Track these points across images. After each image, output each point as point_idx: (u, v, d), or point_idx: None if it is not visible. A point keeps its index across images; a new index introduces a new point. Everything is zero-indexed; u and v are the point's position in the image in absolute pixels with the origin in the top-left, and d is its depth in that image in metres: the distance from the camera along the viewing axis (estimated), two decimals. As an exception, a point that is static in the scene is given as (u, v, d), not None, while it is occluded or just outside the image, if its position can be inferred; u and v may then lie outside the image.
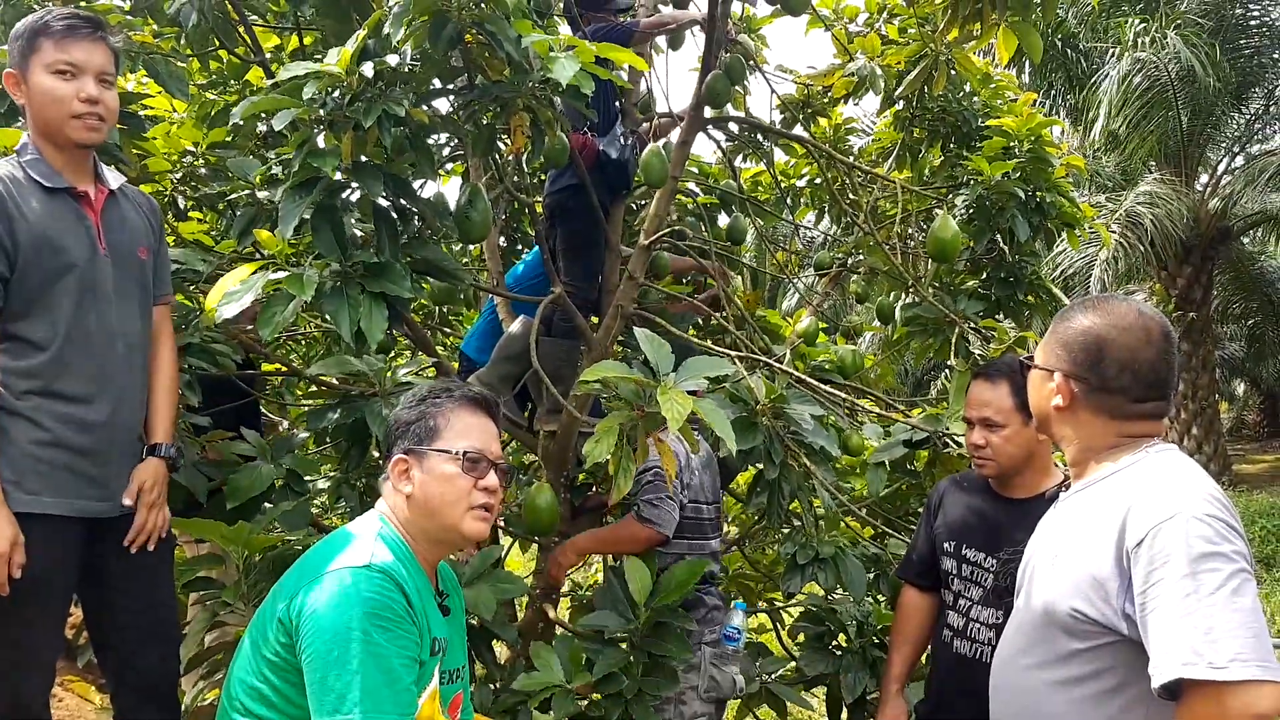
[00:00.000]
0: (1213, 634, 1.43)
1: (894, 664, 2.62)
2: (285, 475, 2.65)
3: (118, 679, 2.22)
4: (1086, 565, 1.62)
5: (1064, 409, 1.73)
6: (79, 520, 2.04)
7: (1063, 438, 1.77)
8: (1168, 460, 1.67)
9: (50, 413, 2.00)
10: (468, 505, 1.76)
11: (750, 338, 3.77)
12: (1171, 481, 1.60)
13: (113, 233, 2.13)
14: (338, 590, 1.59)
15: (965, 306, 3.74)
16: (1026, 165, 3.67)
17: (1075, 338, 1.73)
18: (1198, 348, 14.33)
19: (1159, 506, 1.55)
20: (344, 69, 2.15)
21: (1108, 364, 1.69)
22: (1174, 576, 1.48)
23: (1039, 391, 1.79)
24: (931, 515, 2.60)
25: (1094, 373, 1.70)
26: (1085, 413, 1.72)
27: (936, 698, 2.50)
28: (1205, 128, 13.64)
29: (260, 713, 1.64)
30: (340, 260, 2.26)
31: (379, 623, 1.58)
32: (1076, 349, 1.73)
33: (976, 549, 2.43)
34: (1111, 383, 1.69)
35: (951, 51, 3.68)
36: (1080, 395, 1.72)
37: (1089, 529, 1.65)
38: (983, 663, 2.32)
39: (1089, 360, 1.71)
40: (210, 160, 2.91)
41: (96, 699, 3.70)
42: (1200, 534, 1.49)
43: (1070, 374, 1.72)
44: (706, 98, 3.46)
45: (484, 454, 1.79)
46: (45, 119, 2.06)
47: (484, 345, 3.82)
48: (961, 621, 2.42)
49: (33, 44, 2.05)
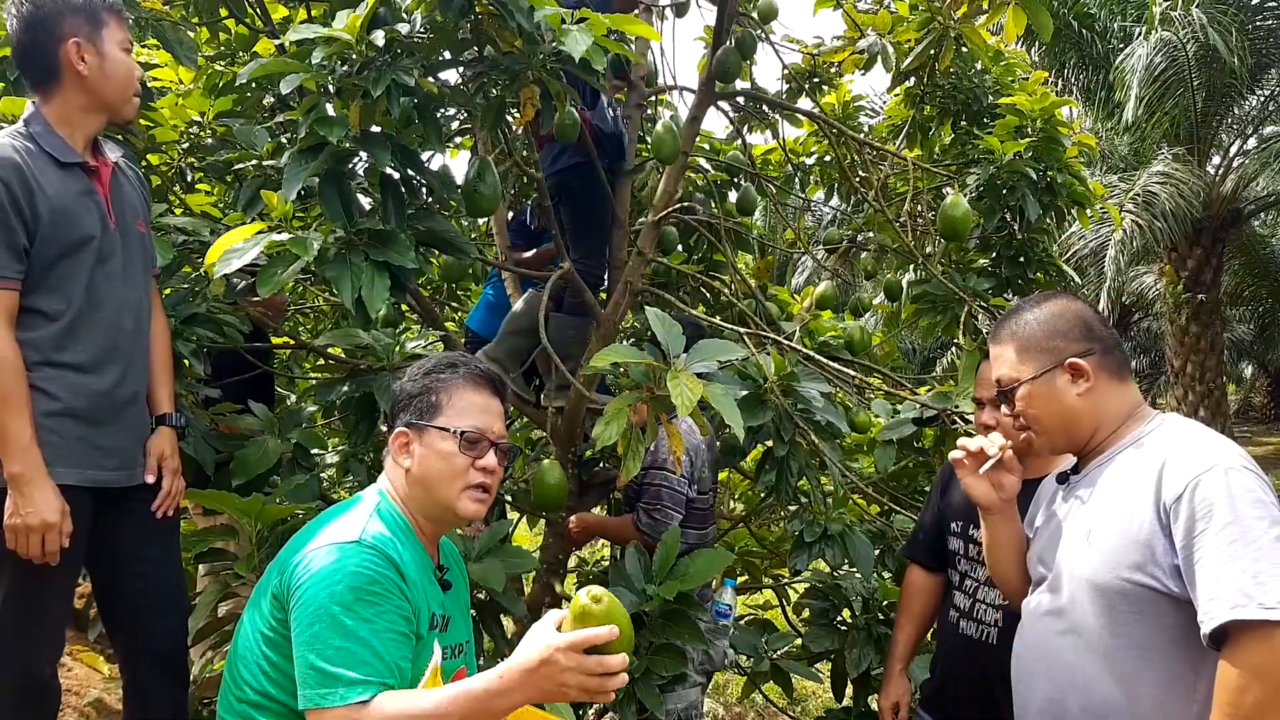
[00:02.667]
0: (1261, 577, 1.44)
1: (898, 643, 2.64)
2: (293, 450, 2.65)
3: (127, 648, 2.24)
4: (1127, 531, 1.62)
5: (1089, 389, 1.74)
6: (89, 490, 2.06)
7: (1089, 425, 1.76)
8: (1190, 424, 1.70)
9: (61, 383, 2.01)
10: (464, 484, 1.75)
11: (756, 310, 3.76)
12: (1201, 439, 1.64)
13: (118, 206, 2.14)
14: (325, 565, 1.58)
15: (974, 284, 3.72)
16: (1038, 144, 3.64)
17: (1057, 324, 1.77)
18: (1206, 329, 14.25)
19: (1195, 460, 1.57)
20: (354, 36, 2.13)
21: (1096, 327, 1.76)
22: (1218, 525, 1.49)
23: (1052, 398, 1.77)
24: (939, 495, 2.60)
25: (1094, 339, 1.75)
26: (1104, 384, 1.74)
27: (942, 677, 2.51)
28: (1219, 109, 13.52)
29: (261, 688, 1.64)
30: (345, 227, 2.25)
31: (365, 597, 1.57)
32: (1067, 330, 1.76)
33: None
34: (1108, 341, 1.75)
35: (960, 26, 3.64)
36: (1095, 366, 1.74)
37: (1121, 497, 1.66)
38: (988, 644, 2.33)
39: (1084, 331, 1.76)
40: (217, 130, 2.90)
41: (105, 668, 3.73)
42: (1241, 483, 1.52)
43: (1080, 353, 1.74)
44: (717, 72, 3.43)
45: (484, 434, 1.78)
46: (113, 93, 2.09)
47: (487, 319, 3.82)
48: (968, 602, 2.42)
49: (101, 18, 2.07)
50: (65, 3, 2.04)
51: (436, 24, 2.31)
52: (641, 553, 2.71)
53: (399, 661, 1.58)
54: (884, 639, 3.00)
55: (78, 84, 2.06)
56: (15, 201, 1.94)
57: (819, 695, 5.10)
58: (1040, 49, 12.82)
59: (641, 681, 2.54)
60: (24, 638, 2.03)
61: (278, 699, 1.63)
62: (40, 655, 2.07)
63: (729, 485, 4.71)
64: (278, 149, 2.44)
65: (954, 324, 3.74)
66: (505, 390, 1.89)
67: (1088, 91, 13.68)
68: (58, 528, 1.94)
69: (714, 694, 5.01)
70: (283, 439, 2.62)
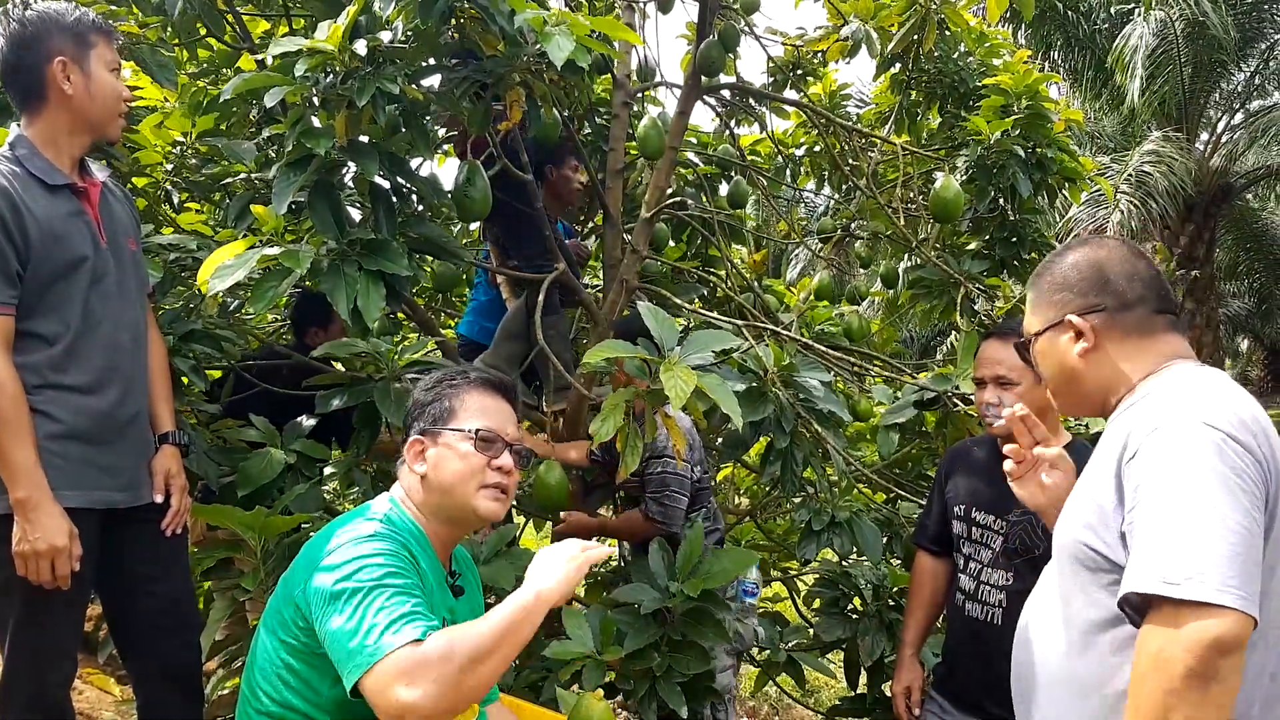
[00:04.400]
0: (1180, 548, 1.28)
1: (909, 629, 2.65)
2: (296, 460, 2.65)
3: (140, 669, 2.24)
4: (1092, 494, 1.48)
5: (1090, 349, 1.56)
6: (96, 512, 2.05)
7: (1099, 389, 1.58)
8: (1194, 374, 1.50)
9: (62, 405, 2.01)
10: (481, 483, 1.75)
11: (754, 303, 3.76)
12: (1181, 391, 1.45)
13: (108, 225, 2.13)
14: (347, 558, 1.58)
15: (969, 267, 3.73)
16: (1025, 122, 3.64)
17: (1069, 274, 1.61)
18: (1201, 305, 14.26)
19: (1157, 416, 1.40)
20: (336, 46, 2.13)
21: (1114, 280, 1.57)
22: (1157, 486, 1.33)
23: (1055, 356, 1.61)
24: (943, 481, 2.61)
25: (1106, 294, 1.57)
26: (1114, 343, 1.56)
27: (951, 660, 2.52)
28: (1207, 85, 13.54)
29: (282, 699, 1.64)
30: (337, 238, 2.25)
31: (395, 572, 1.57)
32: (1076, 281, 1.60)
33: (985, 511, 2.43)
34: (1127, 295, 1.56)
35: (942, 8, 3.65)
36: (1102, 325, 1.56)
37: (1100, 456, 1.51)
38: (993, 625, 2.35)
39: (1096, 283, 1.58)
40: (200, 150, 2.89)
41: (117, 691, 3.72)
42: (1195, 440, 1.34)
43: (1083, 309, 1.57)
44: (702, 66, 3.43)
45: (499, 434, 1.79)
46: (99, 113, 2.09)
47: (476, 323, 3.81)
48: (973, 585, 2.44)
49: (89, 39, 2.07)
50: (53, 22, 2.04)
51: (419, 30, 2.31)
52: (665, 549, 2.70)
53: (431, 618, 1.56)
54: (895, 625, 3.00)
55: (63, 104, 2.05)
56: (5, 226, 1.93)
57: (832, 685, 5.09)
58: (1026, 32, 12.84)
59: (663, 679, 2.52)
60: (37, 662, 2.02)
61: (299, 709, 1.63)
62: (53, 680, 2.06)
63: (734, 480, 4.71)
64: (266, 163, 2.44)
65: (951, 308, 3.74)
66: (516, 396, 1.90)
67: (1075, 73, 13.70)
68: (66, 551, 1.93)
69: (728, 689, 5.00)
70: (285, 450, 2.62)
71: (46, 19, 2.04)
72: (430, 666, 1.44)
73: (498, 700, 2.02)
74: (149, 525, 2.18)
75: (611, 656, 2.47)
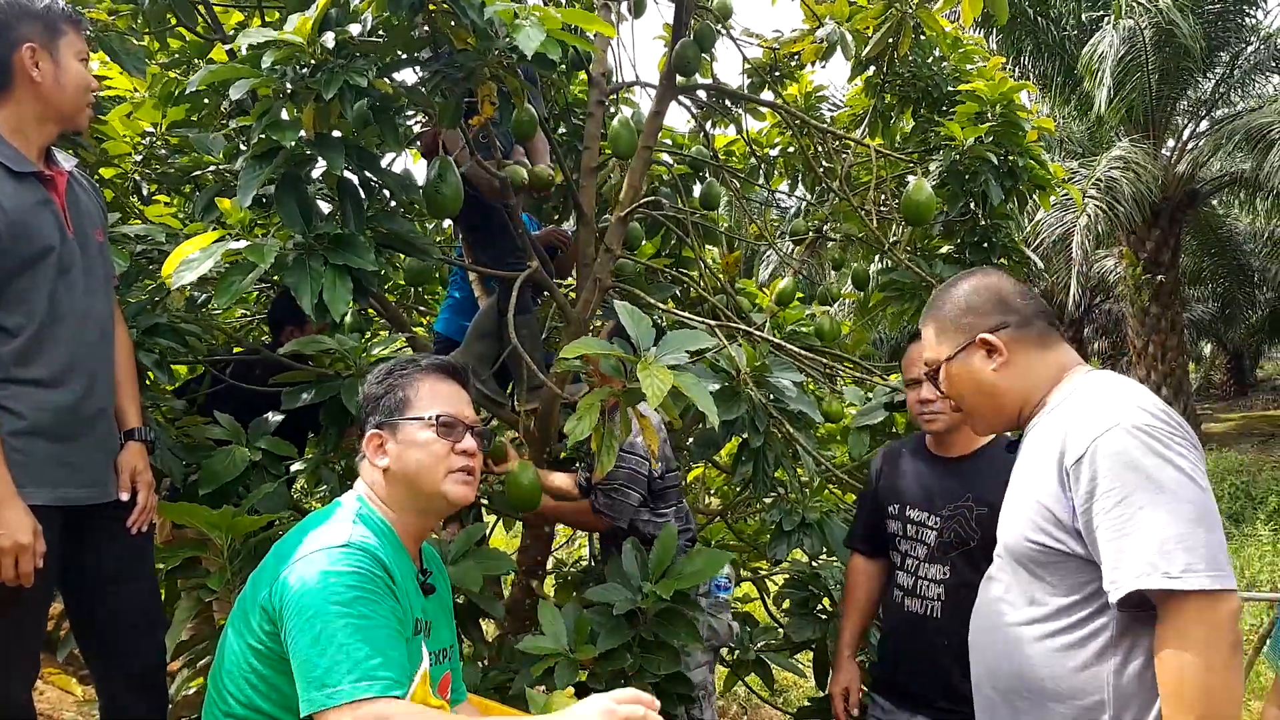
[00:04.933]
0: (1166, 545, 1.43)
1: (845, 630, 2.72)
2: (262, 458, 2.61)
3: (103, 669, 2.20)
4: (1034, 494, 1.62)
5: (1005, 363, 1.71)
6: (59, 509, 2.01)
7: (1014, 399, 1.73)
8: (1102, 379, 1.66)
9: (25, 400, 1.97)
10: (447, 469, 1.74)
11: (727, 304, 3.76)
12: (1106, 397, 1.59)
13: (75, 216, 2.09)
14: (318, 570, 1.56)
15: (941, 270, 3.75)
16: (998, 129, 3.67)
17: (970, 299, 1.76)
18: (1166, 310, 14.49)
19: (1095, 421, 1.54)
20: (305, 39, 2.10)
21: (1011, 299, 1.74)
22: (1116, 489, 1.47)
23: (969, 376, 1.75)
24: (874, 482, 2.70)
25: (1009, 312, 1.73)
26: (1022, 354, 1.72)
27: (893, 657, 2.59)
28: (1174, 92, 13.75)
29: (247, 702, 1.62)
30: (304, 232, 2.22)
31: (364, 596, 1.55)
32: (979, 305, 1.75)
33: (919, 508, 2.52)
34: (1026, 311, 1.73)
35: (917, 11, 3.67)
36: (1010, 338, 1.71)
37: (1034, 461, 1.65)
38: (933, 618, 2.44)
39: (997, 304, 1.74)
40: (170, 141, 2.85)
41: (79, 691, 3.66)
42: (1141, 442, 1.49)
43: (992, 327, 1.72)
44: (677, 65, 3.43)
45: (458, 418, 1.78)
46: (67, 102, 2.06)
47: (452, 320, 3.79)
48: (910, 580, 2.51)
49: (59, 27, 2.04)
50: (22, 9, 2.01)
51: (389, 24, 2.28)
52: (639, 549, 2.70)
53: (400, 658, 1.56)
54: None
55: (31, 91, 2.02)
56: None
57: (801, 686, 5.12)
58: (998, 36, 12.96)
59: (635, 680, 2.52)
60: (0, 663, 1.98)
61: (266, 712, 1.61)
62: (16, 681, 2.02)
63: (704, 480, 4.71)
64: (235, 154, 2.40)
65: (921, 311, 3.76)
66: (468, 379, 1.90)
67: (1045, 79, 13.86)
68: (31, 549, 1.89)
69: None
70: (250, 447, 2.58)
71: (16, 6, 2.00)
72: None
73: (466, 700, 2.01)
74: (114, 523, 2.14)
75: (584, 655, 2.47)
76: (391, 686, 1.50)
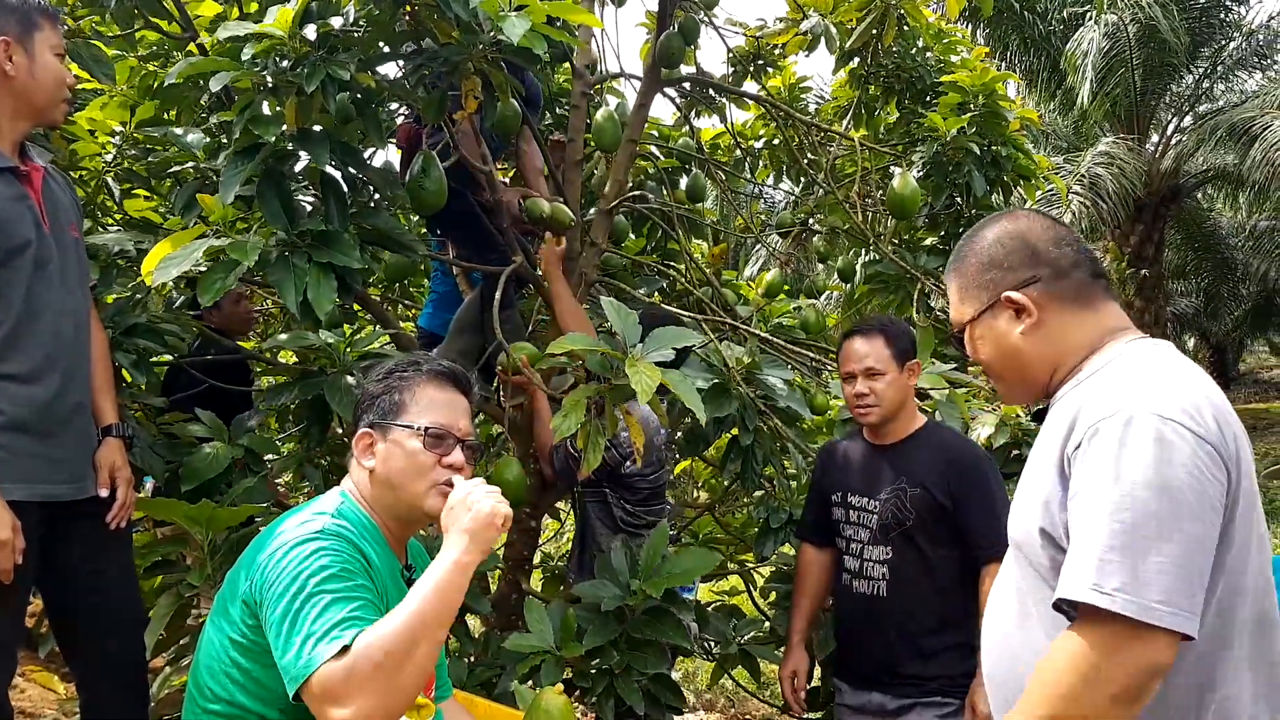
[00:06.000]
0: (1109, 554, 1.22)
1: (795, 618, 2.82)
2: (244, 455, 2.59)
3: (83, 667, 2.19)
4: (1039, 485, 1.40)
5: (1035, 323, 1.47)
6: (38, 505, 1.99)
7: (1045, 365, 1.49)
8: (1143, 351, 1.41)
9: (4, 395, 1.95)
10: (431, 482, 1.71)
11: (713, 297, 3.75)
12: (1131, 374, 1.36)
13: (51, 211, 2.08)
14: (293, 557, 1.55)
15: (925, 262, 3.76)
16: (981, 120, 3.68)
17: (994, 252, 1.51)
18: (1150, 304, 14.57)
19: (1107, 403, 1.31)
20: (286, 32, 2.07)
21: (1043, 249, 1.48)
22: (1101, 483, 1.26)
23: (994, 340, 1.51)
24: (819, 475, 2.83)
25: (1039, 264, 1.48)
26: (1055, 315, 1.46)
27: (845, 639, 2.73)
28: (1158, 87, 13.81)
29: (229, 696, 1.61)
30: (287, 229, 2.20)
31: (339, 574, 1.53)
32: (1004, 257, 1.50)
33: (860, 494, 2.64)
34: (1061, 262, 1.47)
35: (901, 3, 3.67)
36: (1041, 295, 1.47)
37: (1042, 445, 1.43)
38: (880, 597, 2.57)
39: (1025, 256, 1.49)
40: (139, 139, 2.81)
41: (60, 688, 3.63)
42: (1144, 433, 1.25)
43: (1018, 283, 1.47)
44: (661, 57, 3.41)
45: (449, 430, 1.75)
46: (42, 97, 2.04)
47: (436, 314, 3.77)
48: (856, 564, 2.63)
49: (34, 21, 2.02)
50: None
51: (372, 16, 2.26)
52: (628, 547, 2.69)
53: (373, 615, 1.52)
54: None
55: (4, 86, 2.00)
56: None
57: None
58: (984, 31, 12.97)
59: (622, 678, 2.51)
60: None
61: (247, 707, 1.60)
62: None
63: (693, 474, 4.71)
64: (215, 150, 2.37)
65: (907, 303, 3.78)
66: (471, 388, 1.86)
67: (1030, 74, 13.89)
68: (9, 544, 1.87)
69: (683, 681, 5.02)
70: (232, 444, 2.56)
71: None
72: (357, 678, 1.42)
73: (451, 697, 2.00)
74: (93, 519, 2.12)
75: (570, 653, 2.46)
76: (359, 624, 1.47)
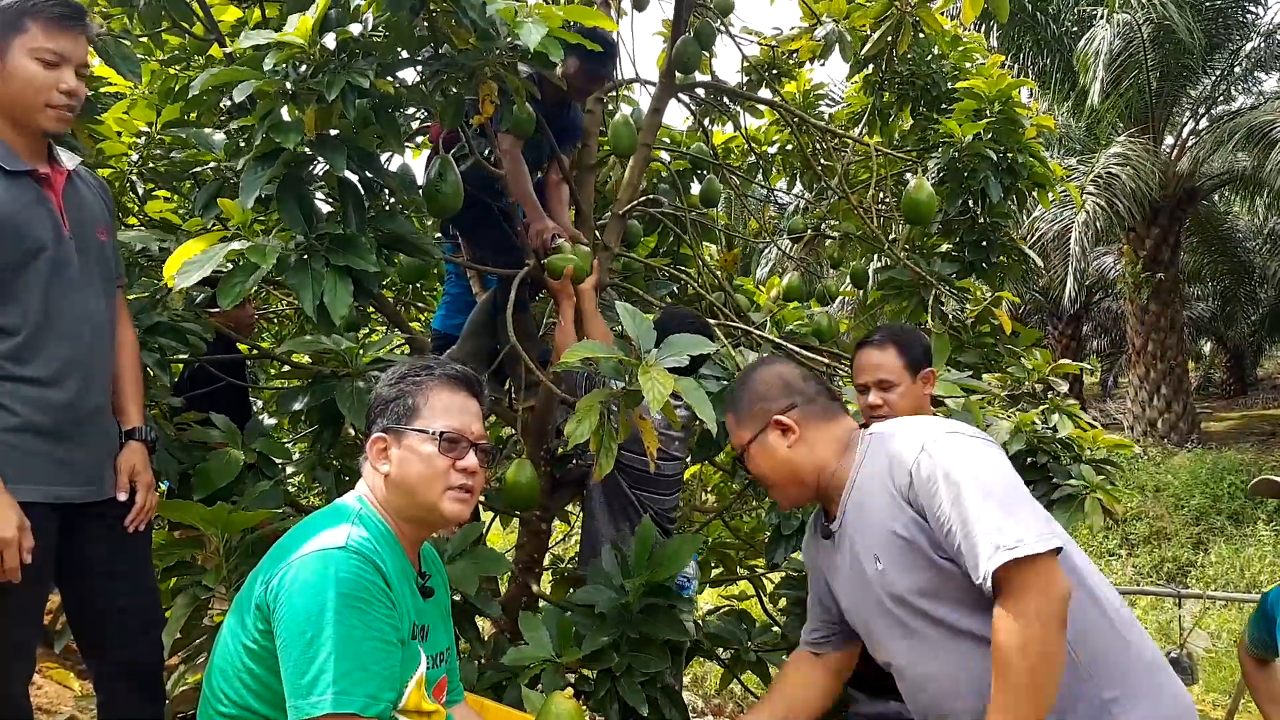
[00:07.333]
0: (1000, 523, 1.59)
1: None
2: (257, 459, 2.61)
3: (101, 667, 2.20)
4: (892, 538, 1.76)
5: (798, 439, 1.92)
6: (55, 507, 2.01)
7: (811, 469, 1.92)
8: (890, 424, 1.91)
9: (20, 397, 1.96)
10: (445, 485, 1.73)
11: (725, 302, 3.76)
12: (903, 429, 1.83)
13: (74, 215, 2.08)
14: (312, 572, 1.56)
15: (939, 268, 3.75)
16: (997, 126, 3.67)
17: (759, 389, 1.97)
18: (1166, 308, 14.48)
19: (907, 450, 1.75)
20: (306, 40, 2.09)
21: (795, 383, 1.97)
22: (947, 493, 1.66)
23: (769, 455, 1.94)
24: None
25: (794, 394, 1.96)
26: (812, 429, 1.93)
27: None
28: (1174, 89, 13.73)
29: (243, 701, 1.62)
30: (305, 233, 2.22)
31: (354, 604, 1.55)
32: (767, 392, 1.96)
33: None
34: (809, 390, 1.96)
35: (917, 10, 3.66)
36: (798, 417, 1.93)
37: (870, 514, 1.81)
38: None
39: (784, 389, 1.96)
40: (165, 140, 2.83)
41: (76, 685, 3.65)
42: (950, 450, 1.71)
43: (781, 410, 1.93)
44: (676, 63, 3.43)
45: (463, 434, 1.76)
46: (17, 102, 1.99)
47: (449, 317, 3.79)
48: None
49: (18, 24, 1.96)
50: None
51: (390, 23, 2.27)
52: (618, 550, 2.70)
53: (386, 671, 1.57)
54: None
55: None
56: None
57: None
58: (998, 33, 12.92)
59: (624, 679, 2.52)
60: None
61: (259, 711, 1.61)
62: (12, 677, 2.02)
63: (702, 478, 4.72)
64: (235, 152, 2.39)
65: (921, 309, 3.77)
66: (482, 391, 1.87)
67: (1043, 75, 13.83)
68: (16, 543, 1.88)
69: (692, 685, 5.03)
70: (246, 449, 2.58)
71: None
72: None
73: (463, 701, 2.01)
74: (112, 521, 2.13)
75: (570, 659, 2.47)
76: (370, 706, 1.52)
